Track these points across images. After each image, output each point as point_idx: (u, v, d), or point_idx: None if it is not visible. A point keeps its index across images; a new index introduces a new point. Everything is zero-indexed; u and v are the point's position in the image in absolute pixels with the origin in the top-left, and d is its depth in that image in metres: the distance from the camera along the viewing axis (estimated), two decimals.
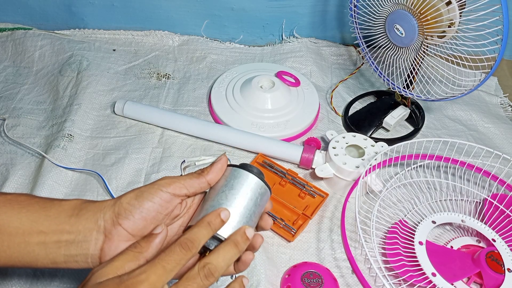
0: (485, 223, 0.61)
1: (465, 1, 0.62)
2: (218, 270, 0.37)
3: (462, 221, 0.62)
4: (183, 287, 0.35)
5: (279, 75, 0.80)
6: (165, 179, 0.41)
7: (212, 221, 0.38)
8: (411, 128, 0.81)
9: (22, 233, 0.38)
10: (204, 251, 0.40)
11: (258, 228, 0.44)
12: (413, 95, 0.74)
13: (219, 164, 0.42)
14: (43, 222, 0.39)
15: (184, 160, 0.47)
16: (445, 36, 0.65)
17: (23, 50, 0.89)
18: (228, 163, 0.43)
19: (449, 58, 0.65)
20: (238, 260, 0.41)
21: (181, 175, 0.42)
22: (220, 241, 0.39)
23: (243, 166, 0.42)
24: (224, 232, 0.39)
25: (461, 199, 0.65)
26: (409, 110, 0.79)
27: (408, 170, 0.68)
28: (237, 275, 0.56)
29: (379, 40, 0.73)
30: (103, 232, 0.39)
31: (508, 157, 0.64)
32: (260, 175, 0.42)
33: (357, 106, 0.84)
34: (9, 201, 0.40)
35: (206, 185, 0.42)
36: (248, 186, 0.41)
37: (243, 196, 0.40)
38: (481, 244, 0.61)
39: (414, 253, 0.57)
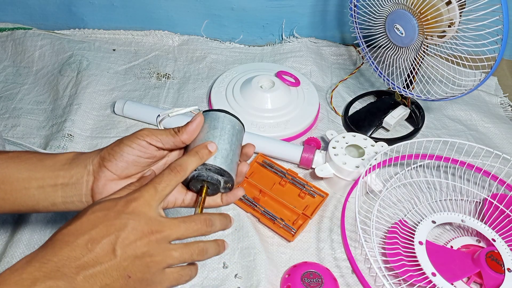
0: (485, 223, 0.61)
1: (465, 1, 0.61)
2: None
3: (462, 221, 0.62)
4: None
5: (279, 75, 0.80)
6: (144, 130, 0.45)
7: (200, 150, 0.43)
8: (411, 128, 0.81)
9: (22, 180, 0.44)
10: (199, 191, 0.45)
11: (243, 155, 0.48)
12: (413, 95, 0.74)
13: (194, 125, 0.45)
14: (39, 170, 0.45)
15: (159, 115, 0.49)
16: (445, 36, 0.65)
17: (23, 50, 0.89)
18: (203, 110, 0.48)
19: (449, 58, 0.65)
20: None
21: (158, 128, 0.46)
22: (214, 171, 0.44)
23: (220, 110, 0.47)
24: (214, 161, 0.43)
25: (461, 199, 0.65)
26: (409, 110, 0.79)
27: (408, 170, 0.68)
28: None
29: (379, 40, 0.73)
30: (92, 174, 0.45)
31: (508, 157, 0.64)
32: (235, 116, 0.48)
33: (357, 106, 0.84)
34: (11, 158, 0.46)
35: (181, 144, 0.45)
36: (228, 124, 0.47)
37: (226, 132, 0.46)
38: (481, 244, 0.61)
39: (414, 253, 0.57)
